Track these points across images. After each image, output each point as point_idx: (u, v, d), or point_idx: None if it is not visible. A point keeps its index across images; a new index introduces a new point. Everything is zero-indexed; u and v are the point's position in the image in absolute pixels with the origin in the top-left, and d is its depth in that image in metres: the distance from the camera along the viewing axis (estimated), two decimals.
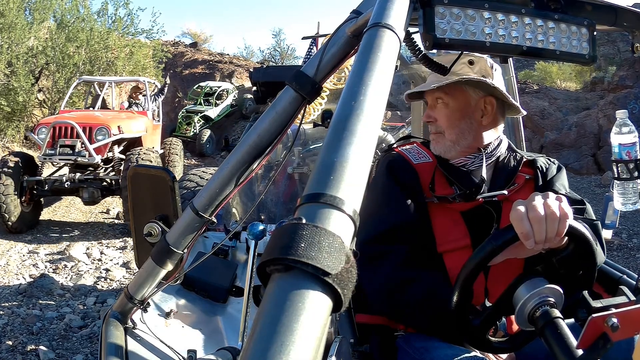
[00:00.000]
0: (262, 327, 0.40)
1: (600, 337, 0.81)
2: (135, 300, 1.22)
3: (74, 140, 6.03)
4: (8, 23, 9.43)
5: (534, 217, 0.95)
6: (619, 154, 1.20)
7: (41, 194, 6.05)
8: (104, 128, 6.27)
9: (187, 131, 12.72)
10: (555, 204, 0.97)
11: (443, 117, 1.35)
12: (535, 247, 0.97)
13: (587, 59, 1.00)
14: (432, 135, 1.39)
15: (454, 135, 1.34)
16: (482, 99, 1.34)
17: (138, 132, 7.11)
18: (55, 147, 5.98)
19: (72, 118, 6.35)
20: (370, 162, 0.57)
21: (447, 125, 1.34)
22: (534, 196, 1.00)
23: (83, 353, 3.22)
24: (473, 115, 1.34)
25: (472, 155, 1.35)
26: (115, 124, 6.52)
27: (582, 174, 9.60)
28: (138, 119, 7.38)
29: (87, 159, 5.97)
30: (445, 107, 1.34)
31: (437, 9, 0.87)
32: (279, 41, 21.89)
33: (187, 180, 4.31)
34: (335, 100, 0.67)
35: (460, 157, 1.35)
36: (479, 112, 1.34)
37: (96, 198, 6.12)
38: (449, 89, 1.31)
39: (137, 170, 1.27)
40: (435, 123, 1.36)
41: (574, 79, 15.06)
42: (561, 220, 0.96)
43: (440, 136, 1.36)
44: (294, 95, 0.98)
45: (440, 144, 1.36)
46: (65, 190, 6.05)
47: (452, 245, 1.27)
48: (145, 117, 7.62)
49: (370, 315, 1.34)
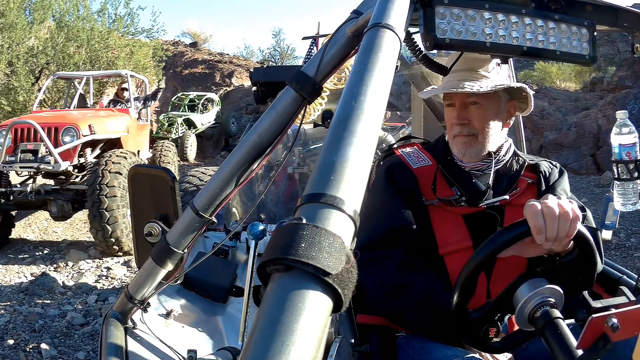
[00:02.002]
0: (262, 327, 0.40)
1: (600, 338, 0.81)
2: (135, 300, 1.22)
3: (37, 144, 5.08)
4: (8, 23, 9.44)
5: (549, 213, 0.97)
6: (619, 154, 1.20)
7: (5, 208, 5.18)
8: (72, 128, 5.28)
9: (168, 133, 12.04)
10: (568, 206, 0.99)
11: (479, 119, 1.31)
12: (544, 244, 0.98)
13: (588, 60, 1.00)
14: (462, 138, 1.33)
15: (486, 138, 1.32)
16: (508, 102, 1.36)
17: (116, 132, 6.13)
18: (17, 152, 5.07)
19: (37, 118, 5.38)
20: (370, 163, 0.57)
21: (483, 128, 1.32)
22: (548, 195, 1.02)
23: (85, 350, 3.23)
24: (502, 118, 1.35)
25: (488, 160, 1.35)
26: (85, 123, 5.48)
27: (582, 174, 9.60)
28: (117, 118, 6.39)
29: (51, 166, 5.01)
30: (481, 110, 1.31)
31: (437, 9, 0.87)
32: (279, 41, 21.91)
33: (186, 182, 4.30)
34: (336, 101, 0.67)
35: (478, 162, 1.35)
36: (505, 116, 1.36)
37: (66, 212, 5.24)
38: (485, 92, 1.28)
39: (138, 170, 1.27)
40: (469, 125, 1.32)
41: (573, 79, 15.07)
42: (572, 222, 0.98)
43: (472, 139, 1.32)
44: (295, 96, 0.98)
45: (472, 147, 1.32)
46: (31, 204, 5.19)
47: (454, 247, 1.27)
48: (126, 116, 6.57)
49: (371, 316, 1.34)
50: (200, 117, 13.37)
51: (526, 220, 0.99)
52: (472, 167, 1.35)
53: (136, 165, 1.33)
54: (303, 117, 1.06)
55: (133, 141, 6.61)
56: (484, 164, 1.35)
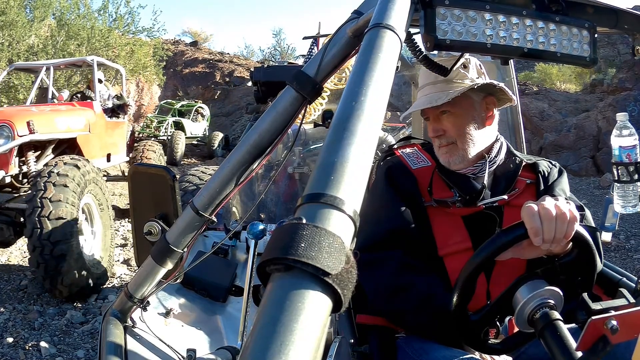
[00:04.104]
0: (261, 326, 0.40)
1: (599, 340, 0.81)
2: (134, 299, 1.22)
3: None
4: (9, 21, 9.44)
5: (545, 214, 0.97)
6: (619, 156, 1.20)
7: None
8: (5, 127, 4.14)
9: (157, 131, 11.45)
10: (565, 207, 0.99)
11: (453, 127, 1.32)
12: (542, 246, 0.98)
13: (588, 62, 1.00)
14: (443, 148, 1.34)
15: (467, 142, 1.32)
16: (483, 100, 1.34)
17: (70, 131, 4.87)
18: None
19: None
20: (370, 163, 0.57)
21: (459, 134, 1.32)
22: (545, 197, 1.02)
23: (84, 349, 3.23)
24: (479, 118, 1.34)
25: (480, 162, 1.34)
26: (22, 120, 4.26)
27: (581, 175, 9.61)
28: (73, 113, 5.16)
29: None
30: (453, 117, 1.32)
31: (438, 10, 0.87)
32: (279, 40, 21.92)
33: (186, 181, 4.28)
34: (336, 101, 0.67)
35: (469, 167, 1.34)
36: (483, 114, 1.35)
37: (7, 238, 4.09)
38: (453, 99, 1.29)
39: (138, 169, 1.28)
40: (445, 135, 1.33)
41: (573, 80, 15.08)
42: (570, 223, 0.98)
43: (453, 147, 1.32)
44: (295, 95, 0.98)
45: (455, 155, 1.32)
46: None
47: (453, 249, 1.27)
48: (88, 111, 5.36)
49: (370, 316, 1.34)
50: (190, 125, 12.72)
51: (523, 223, 0.99)
52: (465, 171, 1.34)
53: (136, 164, 1.34)
54: (303, 117, 1.06)
55: (98, 142, 5.46)
56: (476, 167, 1.34)
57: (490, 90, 1.35)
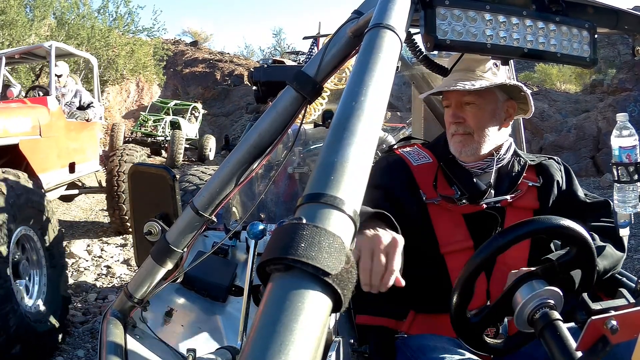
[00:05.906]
0: (261, 326, 0.40)
1: (599, 340, 0.81)
2: (134, 299, 1.22)
3: None
4: (9, 20, 9.45)
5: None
6: (619, 156, 1.20)
7: None
8: None
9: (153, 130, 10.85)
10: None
11: (474, 119, 1.32)
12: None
13: (588, 62, 1.00)
14: (458, 137, 1.34)
15: (483, 137, 1.33)
16: (506, 102, 1.36)
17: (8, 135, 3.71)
18: None
19: None
20: (370, 163, 0.57)
21: (478, 127, 1.32)
22: None
23: (85, 348, 3.23)
24: (499, 117, 1.35)
25: (489, 159, 1.35)
26: None
27: (581, 176, 9.61)
28: (16, 112, 4.00)
29: None
30: (476, 109, 1.32)
31: (438, 10, 0.87)
32: (279, 40, 21.91)
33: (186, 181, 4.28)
34: (336, 101, 0.67)
35: (478, 161, 1.35)
36: (503, 116, 1.36)
37: None
38: (482, 91, 1.30)
39: (138, 168, 1.27)
40: (464, 123, 1.33)
41: (573, 81, 15.08)
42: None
43: (468, 137, 1.33)
44: (295, 95, 0.98)
45: (468, 146, 1.33)
46: None
47: (455, 247, 1.27)
48: (40, 109, 4.28)
49: (370, 316, 1.34)
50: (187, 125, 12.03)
51: (524, 222, 0.99)
52: (472, 166, 1.35)
53: (136, 164, 1.33)
54: (303, 117, 1.06)
55: (55, 149, 4.36)
56: (485, 163, 1.35)
57: (515, 94, 1.37)
